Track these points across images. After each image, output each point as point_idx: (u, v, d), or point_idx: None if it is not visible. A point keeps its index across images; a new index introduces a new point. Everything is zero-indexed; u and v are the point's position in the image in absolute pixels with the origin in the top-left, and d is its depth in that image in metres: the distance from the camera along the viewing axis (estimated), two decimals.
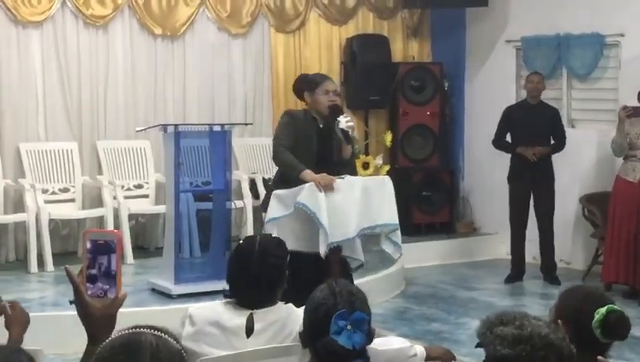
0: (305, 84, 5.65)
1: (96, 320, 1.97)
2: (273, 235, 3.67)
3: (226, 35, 8.91)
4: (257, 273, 3.12)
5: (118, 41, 8.42)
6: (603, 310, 2.52)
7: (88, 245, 1.99)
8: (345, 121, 5.48)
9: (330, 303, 2.50)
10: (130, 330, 1.78)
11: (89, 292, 1.99)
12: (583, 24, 8.47)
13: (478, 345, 2.11)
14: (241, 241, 3.39)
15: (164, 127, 6.73)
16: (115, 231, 2.18)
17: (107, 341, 1.77)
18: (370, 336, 2.53)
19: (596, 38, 8.41)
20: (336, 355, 2.44)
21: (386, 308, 7.23)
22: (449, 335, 6.38)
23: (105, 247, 1.98)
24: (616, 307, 2.56)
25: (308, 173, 5.36)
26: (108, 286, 1.98)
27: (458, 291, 7.87)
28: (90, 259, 1.99)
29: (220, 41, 8.89)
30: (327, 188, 5.30)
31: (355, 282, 7.04)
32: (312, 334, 2.50)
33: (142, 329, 1.76)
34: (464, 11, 9.63)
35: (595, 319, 2.53)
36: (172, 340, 1.76)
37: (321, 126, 5.56)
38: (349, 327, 2.44)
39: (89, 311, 1.98)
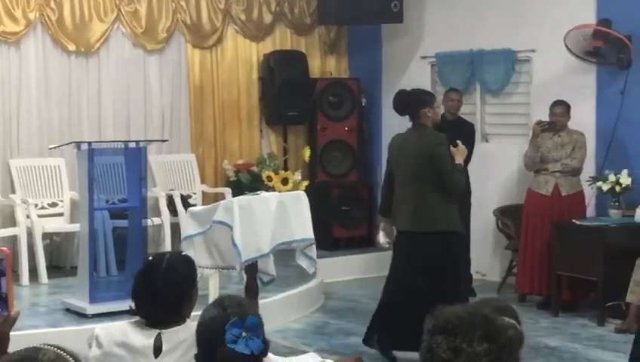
0: (425, 100, 6.00)
1: None
2: (184, 253, 3.60)
3: (142, 50, 8.85)
4: (162, 290, 3.06)
5: (31, 57, 8.29)
6: None
7: None
8: None
9: (220, 316, 2.49)
10: (32, 347, 1.75)
11: None
12: (496, 40, 8.64)
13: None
14: (150, 258, 3.34)
15: (78, 144, 6.65)
16: (3, 248, 2.14)
17: (3, 357, 1.74)
18: (266, 343, 2.52)
19: (508, 54, 8.58)
20: None
21: (304, 323, 7.24)
22: (367, 349, 6.39)
23: None
24: (509, 320, 2.58)
25: (458, 159, 5.86)
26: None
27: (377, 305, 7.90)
28: None
29: (135, 57, 8.82)
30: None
31: (274, 297, 7.10)
32: (208, 351, 2.48)
33: (44, 346, 1.74)
34: (380, 28, 9.75)
35: None
36: (72, 359, 1.74)
37: None
38: (244, 334, 2.44)
39: None
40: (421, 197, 5.81)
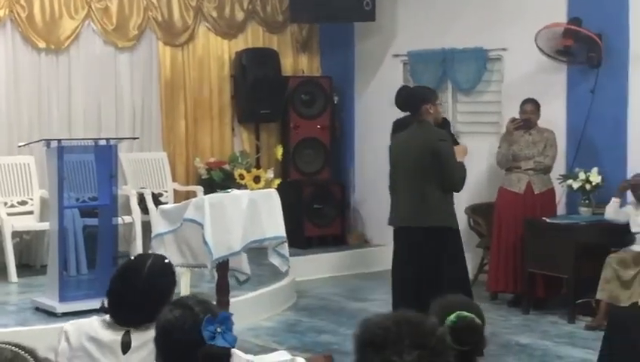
0: (427, 96, 6.02)
1: None
2: (165, 259, 3.44)
3: (113, 48, 8.80)
4: (141, 296, 3.00)
5: (0, 54, 8.21)
6: (452, 316, 2.55)
7: None
8: None
9: (188, 315, 2.48)
10: None
11: None
12: (467, 39, 8.67)
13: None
14: (132, 258, 3.24)
15: (48, 142, 6.60)
16: None
17: None
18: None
19: (479, 53, 8.61)
20: (217, 359, 2.46)
21: (276, 321, 7.24)
22: (338, 347, 6.39)
23: None
24: (465, 313, 2.58)
25: (459, 157, 6.01)
26: None
27: (349, 303, 7.92)
28: None
29: (106, 55, 8.77)
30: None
31: (246, 295, 7.08)
32: (184, 353, 2.46)
33: (1, 345, 1.72)
34: (352, 26, 9.75)
35: (444, 325, 2.54)
36: (31, 358, 1.72)
37: None
38: (218, 329, 2.45)
39: None
40: (422, 193, 5.83)
